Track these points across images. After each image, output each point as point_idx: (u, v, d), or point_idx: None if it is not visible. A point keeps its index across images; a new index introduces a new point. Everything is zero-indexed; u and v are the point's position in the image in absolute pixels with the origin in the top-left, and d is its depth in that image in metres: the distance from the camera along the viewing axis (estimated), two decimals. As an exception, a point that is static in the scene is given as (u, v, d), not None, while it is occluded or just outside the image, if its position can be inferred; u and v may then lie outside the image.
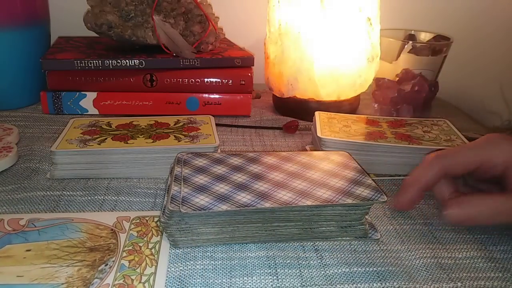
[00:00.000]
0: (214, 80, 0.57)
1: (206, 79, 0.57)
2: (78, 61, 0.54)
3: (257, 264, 0.32)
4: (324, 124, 0.49)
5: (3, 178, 0.42)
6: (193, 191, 0.33)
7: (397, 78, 0.60)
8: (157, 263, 0.31)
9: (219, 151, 0.44)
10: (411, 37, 0.65)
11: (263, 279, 0.30)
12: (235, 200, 0.32)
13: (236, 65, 0.58)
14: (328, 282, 0.30)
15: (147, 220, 0.36)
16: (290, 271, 0.31)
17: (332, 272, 0.31)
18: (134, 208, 0.38)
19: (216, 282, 0.30)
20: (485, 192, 0.36)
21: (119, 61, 0.54)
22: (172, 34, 0.55)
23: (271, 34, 0.58)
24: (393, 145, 0.44)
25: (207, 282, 0.30)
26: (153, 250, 0.32)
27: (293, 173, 0.37)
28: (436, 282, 0.31)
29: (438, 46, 0.60)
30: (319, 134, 0.46)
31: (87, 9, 0.55)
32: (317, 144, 0.47)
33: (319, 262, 0.32)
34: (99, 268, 0.30)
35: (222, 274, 0.31)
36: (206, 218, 0.32)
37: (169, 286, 0.29)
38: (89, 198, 0.39)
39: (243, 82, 0.58)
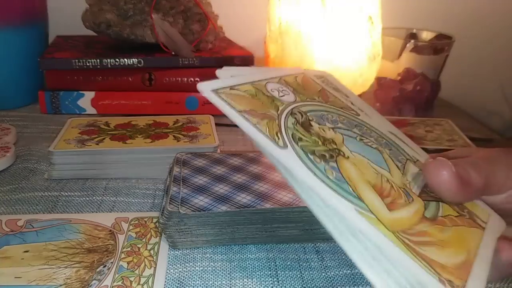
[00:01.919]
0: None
1: (205, 79, 0.57)
2: (76, 60, 0.53)
3: (257, 265, 0.31)
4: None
5: (0, 178, 0.41)
6: (192, 192, 0.33)
7: (399, 77, 0.59)
8: (156, 265, 0.31)
9: (218, 151, 0.44)
10: (413, 36, 0.64)
11: (263, 281, 0.30)
12: (235, 201, 0.32)
13: (235, 64, 0.57)
14: (329, 284, 0.30)
15: (145, 221, 0.35)
16: (290, 273, 0.31)
17: (334, 274, 0.31)
18: (132, 209, 0.37)
19: (215, 284, 0.30)
20: None
21: (117, 60, 0.54)
22: (171, 32, 0.55)
23: (271, 32, 0.57)
24: (395, 145, 0.44)
25: (207, 284, 0.30)
26: (152, 252, 0.32)
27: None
28: (439, 284, 0.31)
29: (440, 45, 0.60)
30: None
31: (86, 8, 0.55)
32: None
33: (320, 264, 0.32)
34: (98, 270, 0.30)
35: (222, 275, 0.30)
36: (206, 219, 0.32)
37: (168, 287, 0.29)
38: (88, 198, 0.39)
39: (243, 81, 0.57)
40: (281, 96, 0.28)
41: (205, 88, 0.25)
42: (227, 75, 0.27)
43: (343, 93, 0.33)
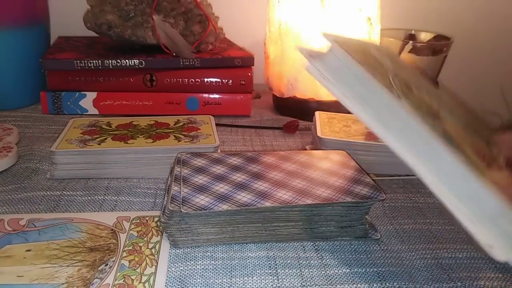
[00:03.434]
0: (214, 80, 0.57)
1: (206, 79, 0.57)
2: (78, 61, 0.54)
3: (258, 264, 0.32)
4: (324, 124, 0.48)
5: (3, 178, 0.42)
6: (193, 191, 0.33)
7: (397, 78, 0.60)
8: (157, 263, 0.31)
9: (219, 151, 0.44)
10: (412, 37, 0.65)
11: (263, 279, 0.30)
12: (236, 199, 0.32)
13: (236, 65, 0.58)
14: (329, 283, 0.30)
15: (147, 220, 0.36)
16: (290, 271, 0.31)
17: (333, 273, 0.31)
18: (134, 208, 0.38)
19: (216, 282, 0.30)
20: None
21: (119, 61, 0.54)
22: (172, 34, 0.55)
23: (271, 33, 0.58)
24: (393, 145, 0.44)
25: (208, 282, 0.30)
26: (153, 250, 0.32)
27: (292, 172, 0.37)
28: (437, 282, 0.31)
29: (439, 46, 0.60)
30: (319, 134, 0.46)
31: (87, 9, 0.55)
32: (317, 144, 0.47)
33: (320, 262, 0.32)
34: (99, 268, 0.30)
35: (223, 274, 0.31)
36: (206, 218, 0.32)
37: (170, 286, 0.29)
38: (89, 198, 0.39)
39: (243, 82, 0.58)
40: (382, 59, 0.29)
41: (329, 35, 0.25)
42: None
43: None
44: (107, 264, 0.30)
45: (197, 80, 0.57)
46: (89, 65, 0.54)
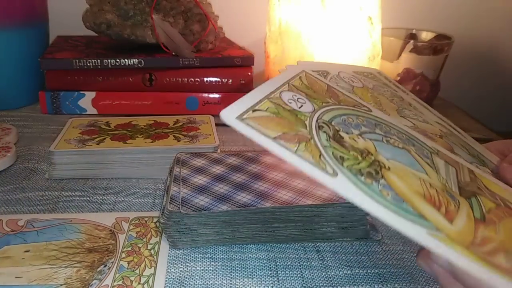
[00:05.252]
0: (213, 79, 0.57)
1: (205, 79, 0.57)
2: (77, 61, 0.53)
3: (258, 265, 0.32)
4: (324, 124, 0.48)
5: (1, 178, 0.41)
6: (192, 192, 0.33)
7: (398, 78, 0.60)
8: (156, 264, 0.31)
9: (218, 151, 0.44)
10: (413, 36, 0.65)
11: (263, 280, 0.30)
12: (235, 200, 0.32)
13: (236, 64, 0.57)
14: (330, 284, 0.30)
15: (146, 221, 0.35)
16: (291, 272, 0.31)
17: (334, 274, 0.31)
18: (133, 209, 0.38)
19: (216, 284, 0.30)
20: None
21: (118, 60, 0.54)
22: (171, 33, 0.55)
23: (271, 33, 0.58)
24: (394, 144, 0.44)
25: (207, 283, 0.30)
26: (152, 251, 0.32)
27: (292, 172, 0.37)
28: (438, 283, 0.31)
29: (440, 45, 0.60)
30: (319, 133, 0.46)
31: (86, 8, 0.55)
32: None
33: (321, 264, 0.32)
34: (98, 269, 0.30)
35: (222, 275, 0.30)
36: (206, 219, 0.32)
37: (169, 287, 0.29)
38: (88, 198, 0.39)
39: (243, 82, 0.57)
40: (300, 107, 0.27)
41: (228, 116, 0.23)
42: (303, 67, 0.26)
43: (344, 81, 0.32)
44: (106, 265, 0.30)
45: (196, 79, 0.57)
46: (88, 64, 0.54)
